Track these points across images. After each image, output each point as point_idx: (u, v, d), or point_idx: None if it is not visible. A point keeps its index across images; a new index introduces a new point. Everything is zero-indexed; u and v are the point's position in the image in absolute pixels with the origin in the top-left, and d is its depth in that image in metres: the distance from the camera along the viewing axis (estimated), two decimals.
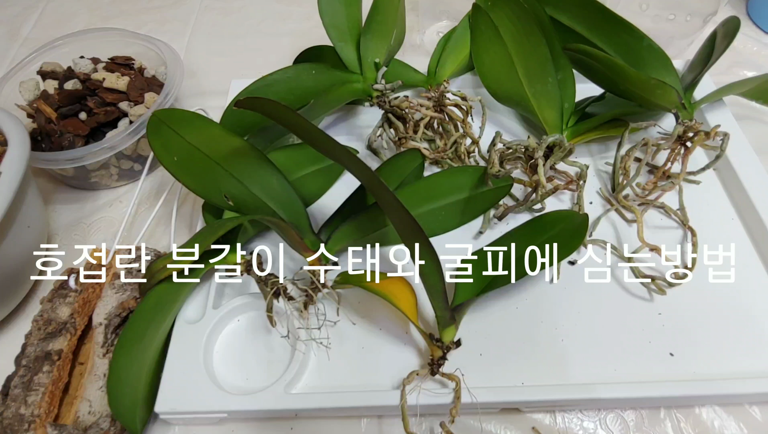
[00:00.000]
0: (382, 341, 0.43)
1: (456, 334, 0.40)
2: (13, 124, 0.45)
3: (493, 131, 0.50)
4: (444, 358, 0.39)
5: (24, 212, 0.44)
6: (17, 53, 0.76)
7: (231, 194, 0.44)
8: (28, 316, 0.48)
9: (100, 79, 0.56)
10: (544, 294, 0.45)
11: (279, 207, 0.45)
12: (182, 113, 0.45)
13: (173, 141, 0.43)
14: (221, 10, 0.82)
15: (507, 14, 0.53)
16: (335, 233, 0.46)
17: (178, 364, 0.41)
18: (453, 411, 0.37)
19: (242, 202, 0.44)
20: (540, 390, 0.39)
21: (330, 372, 0.42)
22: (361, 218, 0.46)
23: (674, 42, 0.66)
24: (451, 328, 0.39)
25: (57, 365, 0.40)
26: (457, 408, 0.37)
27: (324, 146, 0.39)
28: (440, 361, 0.39)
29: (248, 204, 0.45)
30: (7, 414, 0.38)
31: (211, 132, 0.45)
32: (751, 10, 0.75)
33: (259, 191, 0.45)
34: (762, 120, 0.61)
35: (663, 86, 0.47)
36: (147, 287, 0.42)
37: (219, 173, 0.44)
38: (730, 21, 0.54)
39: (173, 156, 0.43)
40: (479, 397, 0.38)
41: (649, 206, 0.50)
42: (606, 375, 0.41)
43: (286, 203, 0.45)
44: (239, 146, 0.45)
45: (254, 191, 0.45)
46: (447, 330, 0.39)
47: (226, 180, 0.44)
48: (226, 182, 0.44)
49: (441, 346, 0.39)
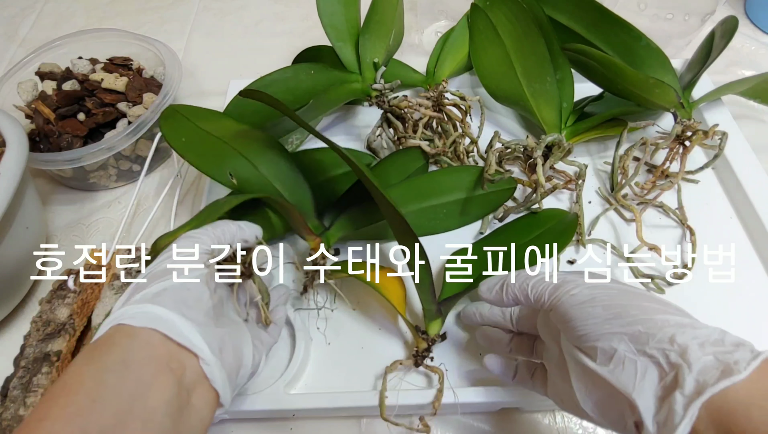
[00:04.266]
0: (381, 342, 0.43)
1: (442, 328, 0.40)
2: (12, 125, 0.45)
3: (491, 130, 0.50)
4: (429, 350, 0.39)
5: (22, 213, 0.44)
6: (15, 54, 0.76)
7: (236, 172, 0.44)
8: (27, 317, 0.48)
9: (99, 80, 0.56)
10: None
11: (285, 189, 0.45)
12: (196, 109, 0.47)
13: (183, 125, 0.45)
14: (219, 10, 0.82)
15: (505, 14, 0.53)
16: (338, 220, 0.46)
17: None
18: (435, 404, 0.37)
19: (247, 181, 0.44)
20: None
21: (329, 372, 0.42)
22: (364, 207, 0.46)
23: (672, 41, 0.66)
24: (437, 321, 0.40)
25: (56, 366, 0.40)
26: (439, 401, 0.37)
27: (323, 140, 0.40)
28: (425, 353, 0.39)
29: (253, 183, 0.44)
30: (6, 415, 0.38)
31: (222, 121, 0.47)
32: (749, 10, 0.75)
33: (267, 171, 0.45)
34: (760, 119, 0.61)
35: (661, 86, 0.47)
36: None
37: (226, 152, 0.44)
38: (728, 20, 0.54)
39: (182, 138, 0.44)
40: (479, 397, 0.38)
41: (647, 205, 0.50)
42: None
43: (293, 185, 0.46)
44: (249, 129, 0.46)
45: (262, 171, 0.45)
46: (433, 322, 0.40)
47: (232, 158, 0.44)
48: (233, 160, 0.44)
49: (426, 338, 0.39)
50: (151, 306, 0.28)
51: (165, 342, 0.27)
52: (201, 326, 0.29)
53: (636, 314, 0.27)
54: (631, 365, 0.26)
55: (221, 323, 0.31)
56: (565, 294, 0.29)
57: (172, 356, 0.27)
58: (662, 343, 0.25)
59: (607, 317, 0.27)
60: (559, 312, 0.29)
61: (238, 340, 0.32)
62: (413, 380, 0.41)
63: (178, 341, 0.27)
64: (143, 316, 0.27)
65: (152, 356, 0.26)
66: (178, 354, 0.27)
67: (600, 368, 0.27)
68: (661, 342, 0.25)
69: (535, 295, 0.31)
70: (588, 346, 0.28)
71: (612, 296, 0.28)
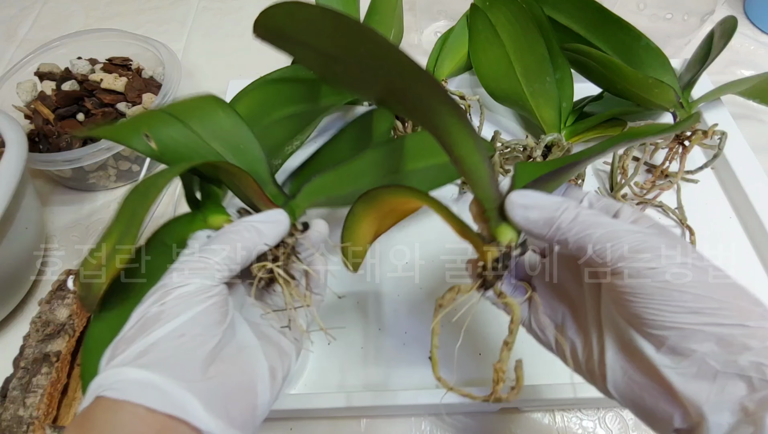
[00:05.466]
0: (381, 341, 0.43)
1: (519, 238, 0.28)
2: (11, 125, 0.45)
3: (491, 130, 0.50)
4: (505, 265, 0.27)
5: (22, 214, 0.44)
6: (14, 54, 0.76)
7: (157, 133, 0.31)
8: (27, 318, 0.48)
9: (98, 80, 0.56)
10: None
11: (228, 150, 0.34)
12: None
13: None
14: (219, 10, 0.81)
15: (505, 14, 0.53)
16: (306, 186, 0.36)
17: None
18: (497, 390, 0.28)
19: (172, 145, 0.32)
20: (539, 389, 0.39)
21: (329, 372, 0.42)
22: (341, 170, 0.37)
23: (672, 41, 0.66)
24: (505, 226, 0.27)
25: (56, 366, 0.40)
26: (514, 335, 0.28)
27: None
28: (496, 266, 0.27)
29: (181, 146, 0.32)
30: (6, 416, 0.38)
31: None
32: (748, 10, 0.75)
33: (201, 128, 0.33)
34: (759, 119, 0.61)
35: (661, 85, 0.47)
36: (89, 304, 0.30)
37: (146, 113, 0.33)
38: (727, 20, 0.54)
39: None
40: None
41: (647, 205, 0.50)
42: None
43: (238, 144, 0.34)
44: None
45: (194, 128, 0.32)
46: (501, 227, 0.27)
47: (151, 117, 0.32)
48: (152, 118, 0.32)
49: (498, 247, 0.27)
50: (134, 371, 0.23)
51: (153, 414, 0.22)
52: (198, 382, 0.24)
53: (733, 316, 0.21)
54: (709, 372, 0.21)
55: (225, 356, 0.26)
56: (645, 264, 0.22)
57: (165, 428, 0.22)
58: (760, 357, 0.21)
59: (695, 310, 0.22)
60: (629, 284, 0.23)
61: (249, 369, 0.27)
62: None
63: (168, 413, 0.22)
64: (124, 386, 0.22)
65: (139, 433, 0.22)
66: (170, 424, 0.23)
67: (665, 366, 0.22)
68: (759, 355, 0.21)
69: (599, 251, 0.24)
70: (655, 333, 0.22)
71: (707, 286, 0.22)
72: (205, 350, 0.25)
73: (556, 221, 0.25)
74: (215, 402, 0.24)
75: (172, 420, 0.22)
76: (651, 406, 0.23)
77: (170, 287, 0.25)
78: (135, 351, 0.24)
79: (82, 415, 0.23)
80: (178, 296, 0.25)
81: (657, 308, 0.22)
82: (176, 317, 0.24)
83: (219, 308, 0.26)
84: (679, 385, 0.22)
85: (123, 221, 0.28)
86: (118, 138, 0.31)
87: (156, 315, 0.24)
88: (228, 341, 0.26)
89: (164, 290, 0.25)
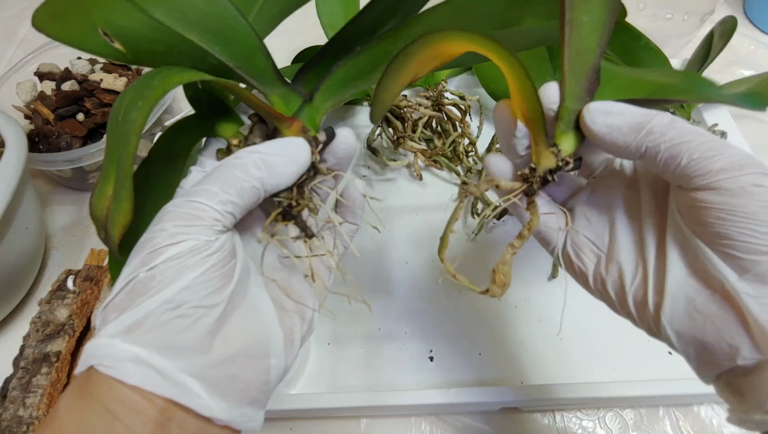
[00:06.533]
0: (381, 341, 0.43)
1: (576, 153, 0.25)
2: (10, 125, 0.45)
3: (491, 130, 0.50)
4: (558, 170, 0.24)
5: (21, 214, 0.44)
6: (14, 55, 0.76)
7: (115, 28, 0.24)
8: (26, 318, 0.48)
9: (98, 80, 0.56)
10: (542, 293, 0.46)
11: (212, 40, 0.25)
12: None
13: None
14: None
15: None
16: (327, 80, 0.28)
17: None
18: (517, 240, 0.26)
19: (136, 39, 0.25)
20: (539, 389, 0.39)
21: (329, 372, 0.42)
22: (368, 53, 0.28)
23: (671, 41, 0.66)
24: (570, 135, 0.24)
25: (56, 367, 0.40)
26: (522, 241, 0.26)
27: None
28: (548, 176, 0.24)
29: (144, 42, 0.25)
30: (6, 416, 0.38)
31: None
32: (748, 10, 0.75)
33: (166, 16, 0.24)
34: (759, 119, 0.61)
35: None
36: (112, 246, 0.25)
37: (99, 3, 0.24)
38: (727, 20, 0.54)
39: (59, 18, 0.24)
40: (479, 396, 0.38)
41: None
42: (605, 374, 0.41)
43: (221, 30, 0.25)
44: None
45: (157, 17, 0.24)
46: (567, 135, 0.24)
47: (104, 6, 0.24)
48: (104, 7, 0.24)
49: (558, 155, 0.24)
50: (127, 347, 0.20)
51: (150, 398, 0.20)
52: (200, 360, 0.21)
53: None
54: None
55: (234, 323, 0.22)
56: (752, 180, 0.20)
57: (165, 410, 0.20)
58: None
59: None
60: (727, 202, 0.20)
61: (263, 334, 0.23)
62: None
63: (161, 395, 0.20)
64: (114, 361, 0.20)
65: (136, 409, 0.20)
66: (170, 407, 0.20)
67: (746, 294, 0.20)
68: None
69: (698, 162, 0.21)
70: (744, 258, 0.20)
71: None
72: (207, 322, 0.21)
73: (647, 125, 0.22)
74: (221, 381, 0.21)
75: (172, 404, 0.20)
76: (713, 340, 0.21)
77: (160, 246, 0.21)
78: (125, 322, 0.20)
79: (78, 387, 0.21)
80: (170, 259, 0.21)
81: (755, 229, 0.20)
82: (168, 286, 0.20)
83: (221, 269, 0.22)
84: (760, 315, 0.20)
85: (113, 154, 0.26)
86: (74, 41, 0.24)
87: (145, 282, 0.21)
88: (238, 303, 0.23)
89: (152, 250, 0.21)
